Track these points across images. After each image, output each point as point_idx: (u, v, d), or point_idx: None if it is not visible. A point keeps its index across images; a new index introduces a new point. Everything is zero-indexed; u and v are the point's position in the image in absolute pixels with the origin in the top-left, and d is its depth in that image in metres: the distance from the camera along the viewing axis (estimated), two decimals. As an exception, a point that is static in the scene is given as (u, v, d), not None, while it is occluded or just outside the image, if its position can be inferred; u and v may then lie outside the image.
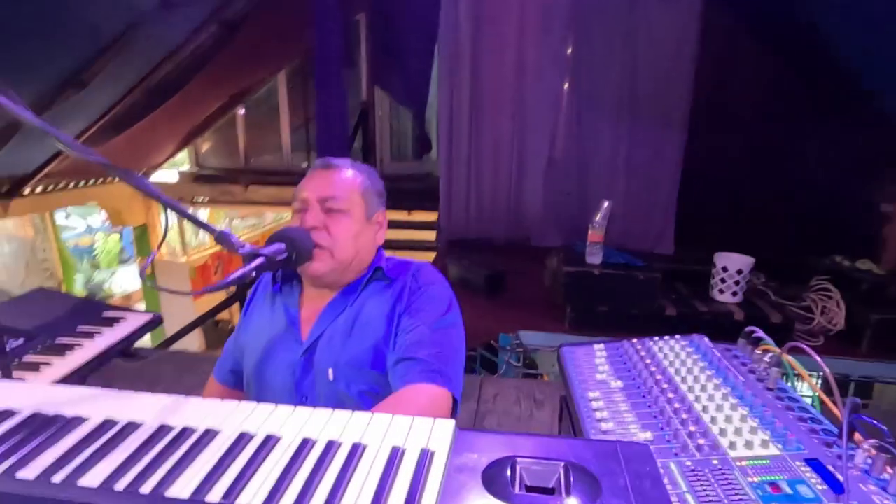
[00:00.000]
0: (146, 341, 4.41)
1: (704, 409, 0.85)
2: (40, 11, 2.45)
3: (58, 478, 0.41)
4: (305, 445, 0.46)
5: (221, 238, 0.67)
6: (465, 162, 3.70)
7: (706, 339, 1.10)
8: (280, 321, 0.95)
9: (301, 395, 0.90)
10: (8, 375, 0.78)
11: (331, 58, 2.93)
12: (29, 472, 0.41)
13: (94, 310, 1.34)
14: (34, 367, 1.05)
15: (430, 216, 4.28)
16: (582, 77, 3.45)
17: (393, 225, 4.71)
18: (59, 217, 6.07)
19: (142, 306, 6.32)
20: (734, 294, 2.32)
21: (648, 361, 1.03)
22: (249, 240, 0.93)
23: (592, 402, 0.92)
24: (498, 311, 2.67)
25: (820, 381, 1.08)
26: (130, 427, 0.48)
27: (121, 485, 0.40)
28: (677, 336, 1.12)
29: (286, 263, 0.75)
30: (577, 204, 3.54)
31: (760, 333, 1.02)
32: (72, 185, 4.51)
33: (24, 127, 2.85)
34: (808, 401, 0.87)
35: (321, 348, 0.91)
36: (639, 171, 3.42)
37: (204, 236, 6.54)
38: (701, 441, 0.75)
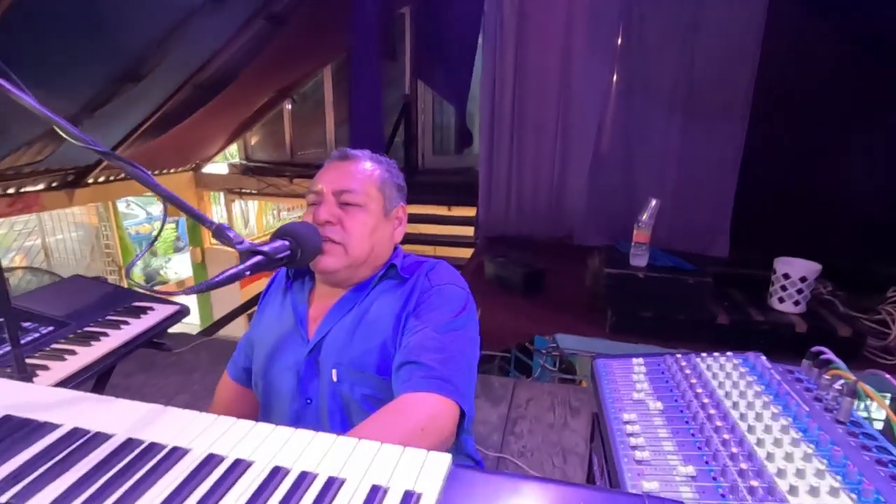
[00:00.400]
0: (190, 328, 4.59)
1: (759, 442, 0.73)
2: (97, 7, 2.55)
3: (3, 498, 0.37)
4: (276, 475, 0.41)
5: (218, 232, 0.63)
6: (505, 156, 3.59)
7: (763, 358, 0.97)
8: (288, 319, 0.91)
9: (305, 397, 0.86)
10: (22, 367, 0.77)
11: (366, 52, 2.90)
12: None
13: (125, 299, 1.35)
14: (59, 355, 1.06)
15: (471, 211, 4.20)
16: (632, 68, 3.26)
17: (432, 220, 4.72)
18: (121, 206, 6.43)
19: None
20: (796, 303, 2.11)
21: (694, 381, 0.91)
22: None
23: (627, 425, 0.82)
24: (534, 311, 2.57)
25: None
26: (98, 438, 0.44)
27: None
28: (729, 353, 1.00)
29: (290, 262, 0.70)
30: (624, 201, 3.35)
31: (830, 355, 0.89)
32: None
33: (85, 120, 2.99)
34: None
35: (326, 348, 0.86)
36: (692, 167, 3.21)
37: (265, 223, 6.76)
38: (754, 482, 0.64)
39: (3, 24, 2.19)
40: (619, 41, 3.30)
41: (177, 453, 0.43)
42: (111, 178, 4.58)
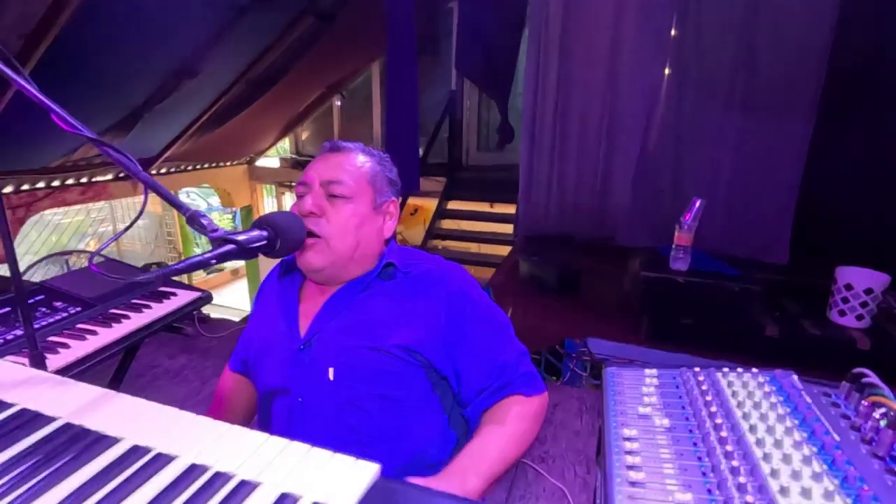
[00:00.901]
0: (237, 313, 4.80)
1: (774, 473, 0.65)
2: (155, 6, 2.70)
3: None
4: (192, 472, 0.39)
5: (193, 219, 0.63)
6: (547, 152, 3.49)
7: (795, 377, 0.87)
8: (279, 316, 0.91)
9: (296, 395, 0.85)
10: (34, 345, 0.80)
11: (402, 47, 2.89)
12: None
13: (151, 283, 1.40)
14: (81, 335, 1.11)
15: (513, 209, 4.12)
16: (687, 61, 3.06)
17: (474, 216, 4.67)
18: (183, 196, 6.81)
19: (245, 280, 6.92)
20: (859, 318, 1.90)
21: (710, 398, 0.83)
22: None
23: (626, 441, 0.76)
24: (567, 313, 2.48)
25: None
26: (38, 420, 0.44)
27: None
28: (755, 370, 0.90)
29: (267, 252, 0.68)
30: (672, 202, 3.17)
31: (873, 378, 0.78)
32: (190, 168, 5.00)
33: (146, 114, 3.16)
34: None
35: (319, 347, 0.84)
36: (750, 168, 2.98)
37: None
38: (757, 520, 0.57)
39: (75, 27, 2.35)
40: (674, 32, 3.11)
41: (106, 441, 0.42)
42: (172, 169, 4.86)
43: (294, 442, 0.44)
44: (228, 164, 5.49)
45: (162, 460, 0.41)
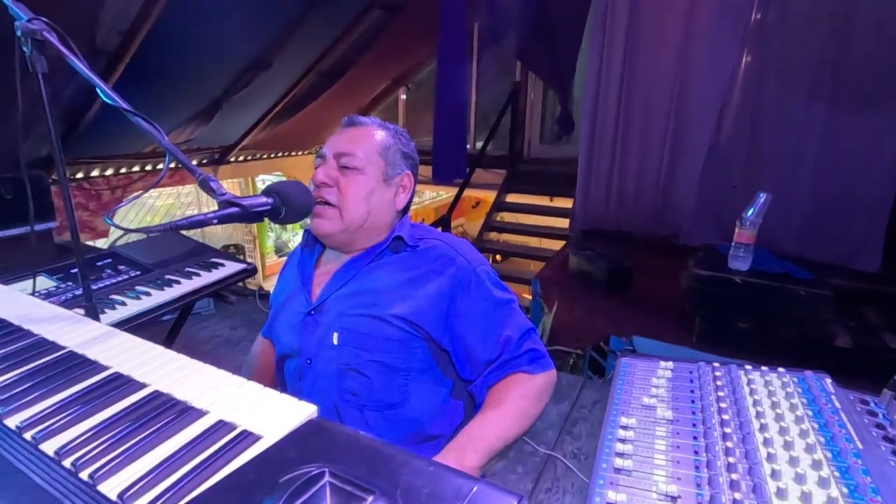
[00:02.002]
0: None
1: (774, 474, 0.60)
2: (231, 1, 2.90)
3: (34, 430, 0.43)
4: (156, 398, 0.43)
5: (204, 183, 0.68)
6: (609, 145, 3.35)
7: (828, 381, 0.79)
8: (297, 282, 0.96)
9: (305, 356, 0.90)
10: (89, 298, 0.90)
11: (452, 37, 2.89)
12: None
13: (204, 254, 1.53)
14: (137, 295, 1.24)
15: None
16: (768, 47, 2.81)
17: (533, 210, 4.59)
18: (259, 183, 7.28)
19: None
20: (955, 334, 1.67)
21: (723, 394, 0.78)
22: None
23: (622, 429, 0.73)
24: (615, 310, 2.39)
25: None
26: (42, 344, 0.51)
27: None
28: (782, 369, 0.82)
29: (272, 217, 0.73)
30: (745, 200, 2.92)
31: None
32: (263, 156, 5.34)
33: (225, 105, 3.41)
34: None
35: (327, 311, 0.89)
36: (837, 165, 2.69)
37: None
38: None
39: (163, 24, 2.59)
40: (755, 16, 2.87)
41: (94, 366, 0.48)
42: (248, 157, 5.20)
43: (250, 382, 0.48)
44: (299, 153, 5.79)
45: (136, 386, 0.46)
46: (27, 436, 0.41)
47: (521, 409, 0.87)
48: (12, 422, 0.43)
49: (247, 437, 0.40)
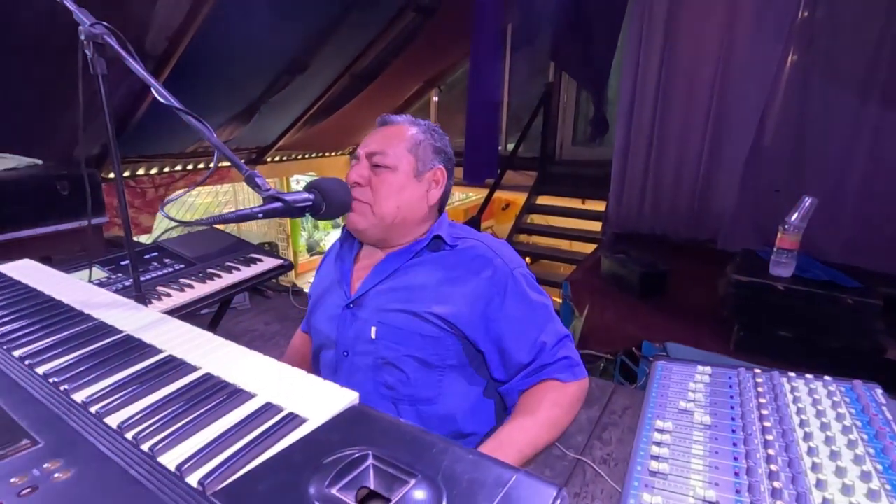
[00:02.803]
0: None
1: (820, 484, 0.58)
2: (271, 5, 2.99)
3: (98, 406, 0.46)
4: (208, 380, 0.46)
5: (250, 179, 0.71)
6: (644, 146, 3.29)
7: (879, 391, 0.76)
8: (335, 276, 0.98)
9: (342, 349, 0.92)
10: (138, 288, 0.95)
11: (486, 38, 2.89)
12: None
13: (244, 250, 1.58)
14: (181, 287, 1.29)
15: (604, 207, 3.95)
16: (818, 45, 2.70)
17: (565, 213, 4.54)
18: (293, 183, 7.46)
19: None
20: None
21: (765, 400, 0.76)
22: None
23: (657, 433, 0.72)
24: (647, 315, 2.34)
25: None
26: (102, 327, 0.55)
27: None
28: (827, 377, 0.80)
29: (313, 213, 0.75)
30: (787, 204, 2.82)
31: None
32: (298, 157, 5.47)
33: (263, 107, 3.52)
34: None
35: (366, 306, 0.91)
36: (888, 167, 2.56)
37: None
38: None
39: (206, 29, 2.69)
40: (802, 13, 2.77)
41: (149, 349, 0.51)
42: (284, 158, 5.34)
43: (294, 368, 0.50)
44: (332, 154, 5.90)
45: (186, 368, 0.48)
46: (92, 410, 0.44)
47: (553, 418, 0.86)
48: (79, 397, 0.46)
49: (293, 420, 0.42)
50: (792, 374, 0.82)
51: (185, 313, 1.24)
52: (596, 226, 4.10)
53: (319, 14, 3.32)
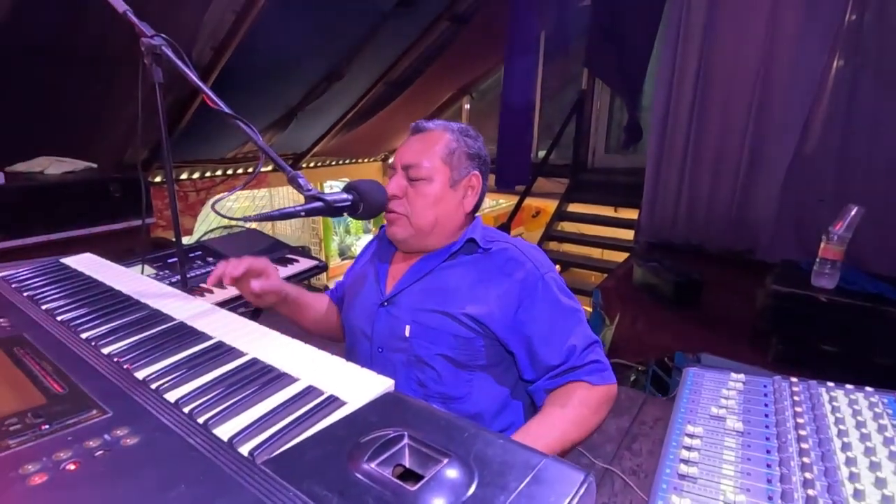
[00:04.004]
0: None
1: (858, 494, 0.57)
2: (311, 18, 3.10)
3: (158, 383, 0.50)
4: (254, 364, 0.49)
5: (293, 180, 0.75)
6: (679, 154, 3.22)
7: (925, 405, 0.73)
8: (372, 274, 1.02)
9: (377, 345, 0.95)
10: (184, 285, 1.01)
11: (521, 46, 2.90)
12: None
13: (281, 250, 1.64)
14: (222, 284, 1.35)
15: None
16: (866, 49, 2.61)
17: (596, 220, 4.49)
18: (326, 188, 7.63)
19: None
20: None
21: (801, 409, 0.74)
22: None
23: (688, 437, 0.71)
24: (681, 325, 2.29)
25: None
26: (157, 315, 0.59)
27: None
28: (869, 388, 0.77)
29: (352, 212, 0.79)
30: (832, 213, 2.72)
31: None
32: (332, 163, 5.60)
33: (300, 114, 3.64)
34: None
35: (401, 304, 0.93)
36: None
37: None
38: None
39: (249, 40, 2.82)
40: (849, 17, 2.68)
41: (195, 334, 0.55)
42: (319, 164, 5.48)
43: (335, 356, 0.53)
44: (366, 160, 6.02)
45: (235, 353, 0.52)
46: (153, 386, 0.48)
47: (580, 417, 0.87)
48: (140, 375, 0.50)
49: (334, 402, 0.44)
50: (831, 384, 0.80)
51: (230, 309, 1.30)
52: (628, 234, 4.04)
53: (356, 24, 3.41)
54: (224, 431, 0.41)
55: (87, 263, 0.92)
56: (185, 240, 4.02)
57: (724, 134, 3.07)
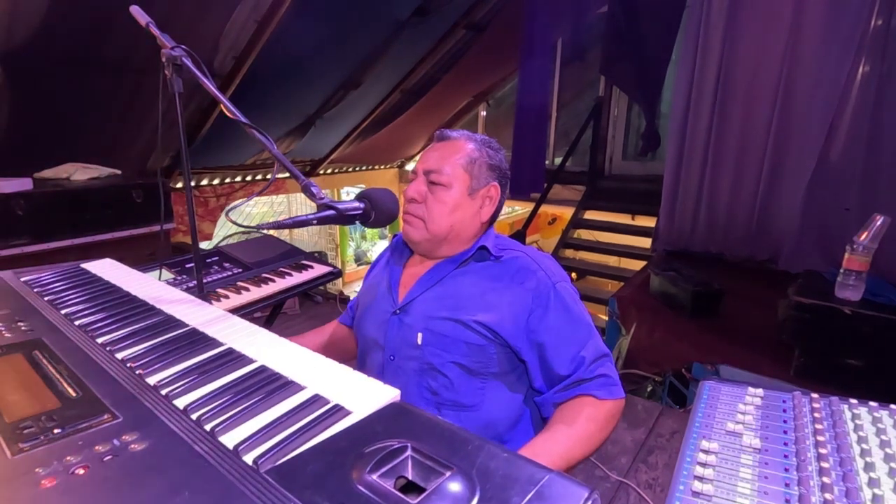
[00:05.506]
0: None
1: (880, 515, 0.55)
2: (329, 27, 3.15)
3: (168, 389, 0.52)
4: (262, 371, 0.50)
5: (306, 188, 0.76)
6: (699, 159, 3.17)
7: (954, 424, 0.70)
8: (385, 282, 1.02)
9: (389, 353, 0.95)
10: (201, 289, 1.03)
11: (536, 54, 2.90)
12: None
13: (296, 256, 1.66)
14: (238, 290, 1.37)
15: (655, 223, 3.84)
16: (893, 55, 2.54)
17: (612, 228, 4.44)
18: (343, 194, 7.70)
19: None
20: None
21: (821, 426, 0.72)
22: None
23: (702, 453, 0.70)
24: (699, 336, 2.25)
25: None
26: (171, 320, 0.60)
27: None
28: (894, 406, 0.74)
29: (363, 221, 0.79)
30: (857, 223, 2.64)
31: None
32: (349, 169, 5.66)
33: (318, 121, 3.69)
34: None
35: (413, 312, 0.94)
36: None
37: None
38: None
39: (269, 49, 2.87)
40: (875, 22, 2.62)
41: (208, 341, 0.56)
42: (336, 171, 5.54)
43: (343, 365, 0.53)
44: (382, 167, 6.06)
45: (245, 360, 0.53)
46: (163, 392, 0.48)
47: (588, 433, 0.86)
48: (151, 380, 0.51)
49: (339, 411, 0.45)
50: (853, 401, 0.77)
51: (240, 315, 1.32)
52: (645, 242, 3.98)
53: (373, 33, 3.46)
54: (230, 439, 0.41)
55: (106, 268, 0.94)
56: (204, 245, 4.10)
57: (744, 140, 3.02)
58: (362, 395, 0.47)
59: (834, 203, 2.75)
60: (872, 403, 0.76)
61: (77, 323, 0.66)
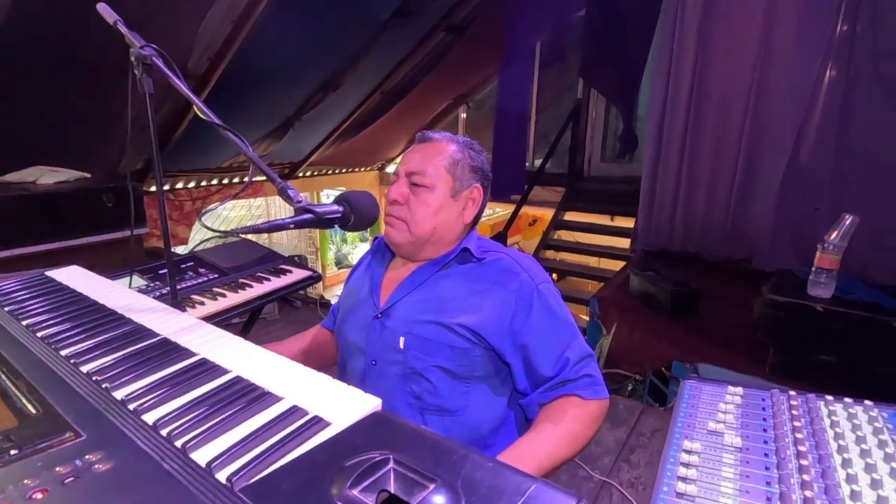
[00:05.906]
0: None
1: (858, 512, 0.55)
2: (309, 29, 3.11)
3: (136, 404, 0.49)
4: (237, 382, 0.48)
5: (283, 191, 0.74)
6: (675, 162, 3.23)
7: (927, 419, 0.72)
8: (366, 286, 1.00)
9: (370, 358, 0.93)
10: (174, 296, 0.99)
11: (515, 56, 2.91)
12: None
13: (274, 261, 1.63)
14: (214, 296, 1.33)
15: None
16: (859, 60, 2.62)
17: (592, 229, 4.49)
18: (323, 197, 7.62)
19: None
20: None
21: (800, 423, 0.73)
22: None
23: (685, 453, 0.70)
24: (680, 335, 2.28)
25: None
26: (141, 330, 0.57)
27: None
28: (868, 402, 0.76)
29: (342, 224, 0.78)
30: (827, 224, 2.72)
31: None
32: (329, 172, 5.60)
33: (296, 123, 3.64)
34: None
35: (395, 316, 0.92)
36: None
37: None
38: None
39: (245, 49, 2.82)
40: (840, 27, 2.70)
41: (181, 351, 0.53)
42: (315, 173, 5.47)
43: (322, 374, 0.51)
44: (362, 169, 6.02)
45: (219, 371, 0.50)
46: (131, 407, 0.46)
47: (573, 432, 0.86)
48: (119, 394, 0.48)
49: (318, 423, 0.43)
50: (830, 398, 0.79)
51: (217, 322, 1.28)
52: (625, 243, 4.03)
53: (353, 34, 3.42)
54: (202, 456, 0.39)
55: (72, 276, 0.90)
56: (180, 249, 4.00)
57: (719, 142, 3.08)
58: (342, 405, 0.45)
59: (806, 203, 2.83)
60: (847, 400, 0.78)
61: (39, 334, 0.63)
